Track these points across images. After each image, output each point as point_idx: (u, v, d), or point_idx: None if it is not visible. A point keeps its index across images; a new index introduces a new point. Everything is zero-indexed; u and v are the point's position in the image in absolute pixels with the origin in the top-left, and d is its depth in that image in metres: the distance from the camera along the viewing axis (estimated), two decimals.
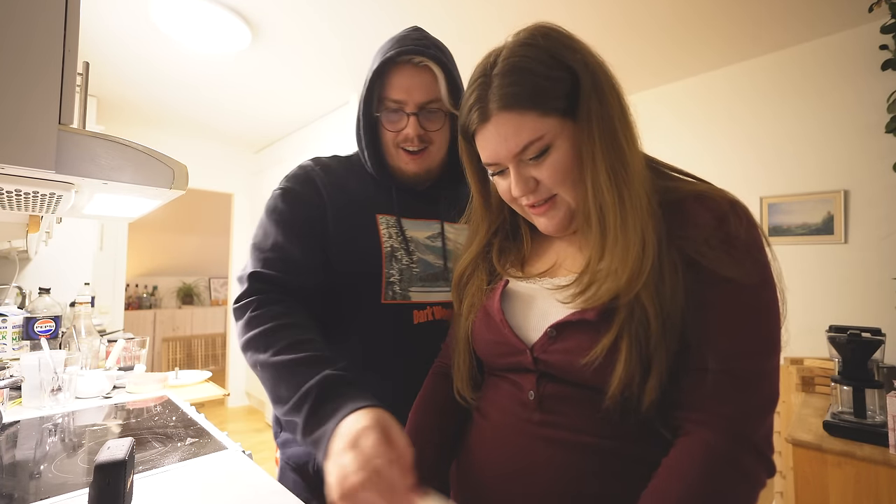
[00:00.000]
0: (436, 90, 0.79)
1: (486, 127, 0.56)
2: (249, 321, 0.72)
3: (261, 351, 0.68)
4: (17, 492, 0.78)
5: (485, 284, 0.66)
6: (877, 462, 1.31)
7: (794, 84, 2.20)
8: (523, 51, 0.55)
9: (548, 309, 0.57)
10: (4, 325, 1.60)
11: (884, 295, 1.88)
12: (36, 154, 0.56)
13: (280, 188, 0.84)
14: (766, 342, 0.50)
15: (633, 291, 0.49)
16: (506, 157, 0.56)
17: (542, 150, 0.54)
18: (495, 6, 1.95)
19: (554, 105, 0.53)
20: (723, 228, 0.50)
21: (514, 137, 0.54)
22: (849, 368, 1.49)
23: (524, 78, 0.53)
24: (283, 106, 3.21)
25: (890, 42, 1.80)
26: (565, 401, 0.54)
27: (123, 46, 2.35)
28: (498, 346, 0.61)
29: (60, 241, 2.48)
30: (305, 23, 2.12)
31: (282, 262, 0.77)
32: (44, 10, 0.56)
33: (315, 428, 0.59)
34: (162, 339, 5.22)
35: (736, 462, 0.46)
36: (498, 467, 0.58)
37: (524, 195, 0.58)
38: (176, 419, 1.19)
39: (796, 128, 2.18)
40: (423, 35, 0.82)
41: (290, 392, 0.62)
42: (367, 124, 0.82)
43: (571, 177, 0.56)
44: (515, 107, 0.53)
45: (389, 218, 0.84)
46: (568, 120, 0.54)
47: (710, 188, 0.55)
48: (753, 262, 0.50)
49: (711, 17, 1.99)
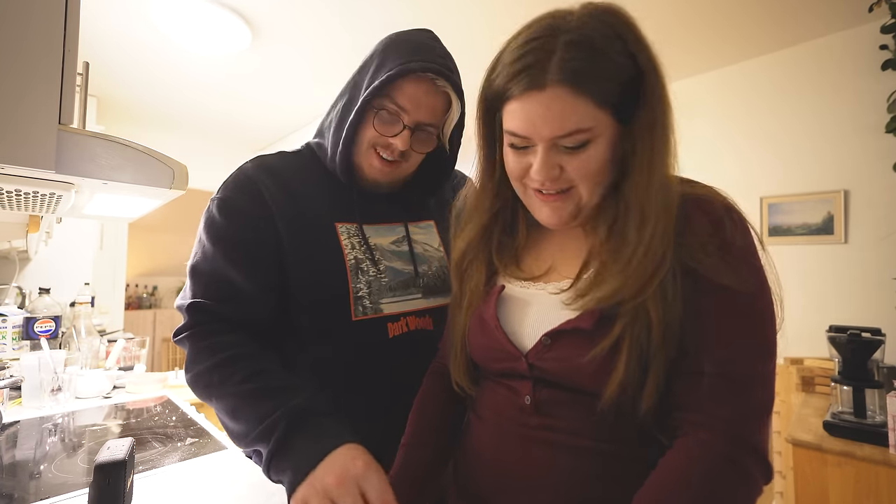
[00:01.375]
0: (441, 118, 0.75)
1: (534, 96, 0.49)
2: (197, 355, 0.68)
3: (215, 384, 0.65)
4: (17, 492, 0.78)
5: (483, 280, 0.65)
6: (877, 462, 1.31)
7: (794, 84, 2.20)
8: (600, 27, 0.49)
9: (543, 316, 0.57)
10: (4, 325, 1.60)
11: (884, 295, 1.88)
12: (36, 154, 0.56)
13: (217, 197, 0.74)
14: (762, 348, 0.50)
15: (642, 298, 0.49)
16: (544, 136, 0.51)
17: (583, 143, 0.50)
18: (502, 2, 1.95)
19: (611, 99, 0.49)
20: (719, 235, 0.50)
21: (565, 119, 0.49)
22: (849, 368, 1.49)
23: (596, 57, 0.48)
24: (283, 106, 3.21)
25: (890, 42, 1.80)
26: (562, 405, 0.54)
27: (123, 46, 2.35)
28: (493, 352, 0.60)
29: (60, 241, 2.47)
30: (305, 23, 2.12)
31: (222, 290, 0.70)
32: (44, 11, 0.56)
33: (288, 456, 0.58)
34: (162, 339, 5.20)
35: (735, 463, 0.46)
36: (497, 471, 0.57)
37: (545, 181, 0.54)
38: (176, 419, 1.19)
39: (796, 127, 2.18)
40: (444, 51, 0.76)
41: (253, 422, 0.61)
42: (358, 114, 0.74)
43: (599, 175, 0.53)
44: (579, 85, 0.48)
45: (350, 226, 0.77)
46: (614, 118, 0.51)
47: (707, 191, 0.55)
48: (749, 269, 0.50)
49: (710, 18, 1.99)
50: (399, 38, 0.76)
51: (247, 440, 0.62)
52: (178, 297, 0.73)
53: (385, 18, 2.08)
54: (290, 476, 0.57)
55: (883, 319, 1.80)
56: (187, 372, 0.69)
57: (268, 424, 0.59)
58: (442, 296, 0.82)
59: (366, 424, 0.68)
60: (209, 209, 0.74)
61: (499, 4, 1.95)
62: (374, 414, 0.74)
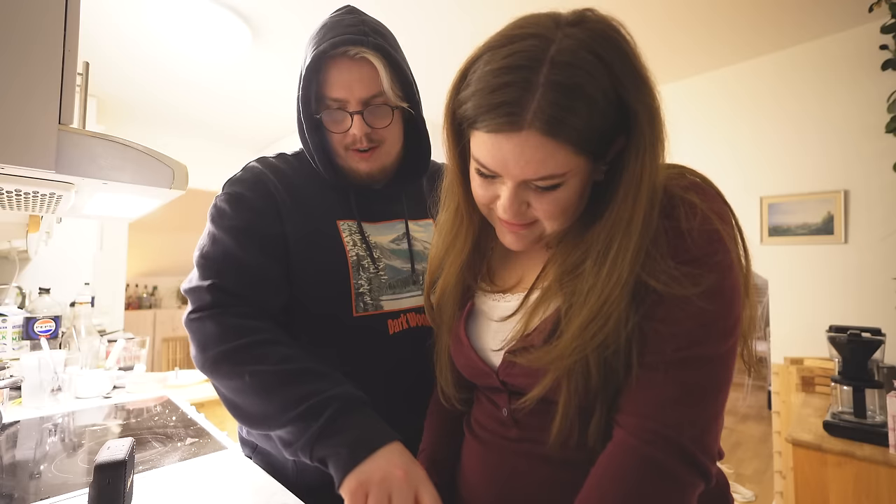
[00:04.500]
0: (378, 84, 0.71)
1: (509, 136, 0.45)
2: (225, 333, 0.65)
3: (248, 361, 0.63)
4: (17, 492, 0.78)
5: (458, 296, 0.64)
6: (877, 462, 1.31)
7: (794, 84, 2.20)
8: (589, 67, 0.43)
9: (504, 329, 0.57)
10: (4, 325, 1.60)
11: (884, 295, 1.88)
12: (36, 154, 0.56)
13: (225, 192, 0.75)
14: (702, 335, 0.46)
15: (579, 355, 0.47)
16: (514, 176, 0.47)
17: (555, 185, 0.47)
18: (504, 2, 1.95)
19: (590, 147, 0.45)
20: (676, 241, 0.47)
21: (539, 165, 0.45)
22: (849, 368, 1.49)
23: (580, 106, 0.43)
24: (283, 106, 3.21)
25: (890, 42, 1.80)
26: (536, 415, 0.54)
27: (123, 46, 2.35)
28: (470, 370, 0.61)
29: (60, 241, 2.47)
30: (305, 23, 2.12)
31: (239, 275, 0.69)
32: (44, 10, 0.56)
33: (343, 434, 0.57)
34: (162, 339, 5.19)
35: (656, 465, 0.44)
36: (484, 484, 0.58)
37: (511, 218, 0.51)
38: (176, 419, 1.19)
39: (796, 128, 2.18)
40: (359, 19, 0.73)
41: (294, 401, 0.59)
42: (309, 127, 0.74)
43: (566, 213, 0.50)
44: (558, 133, 0.43)
45: (351, 224, 0.77)
46: (590, 161, 0.47)
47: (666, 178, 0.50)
48: (708, 269, 0.46)
49: (709, 19, 1.99)
50: (314, 28, 0.75)
51: (282, 418, 0.60)
52: (184, 283, 0.72)
53: (384, 19, 2.07)
54: (347, 454, 0.56)
55: (883, 319, 1.80)
56: (207, 350, 0.66)
57: (316, 402, 0.59)
58: None
59: None
60: (216, 204, 0.75)
61: (499, 5, 1.95)
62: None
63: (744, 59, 2.34)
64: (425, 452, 0.68)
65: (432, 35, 2.20)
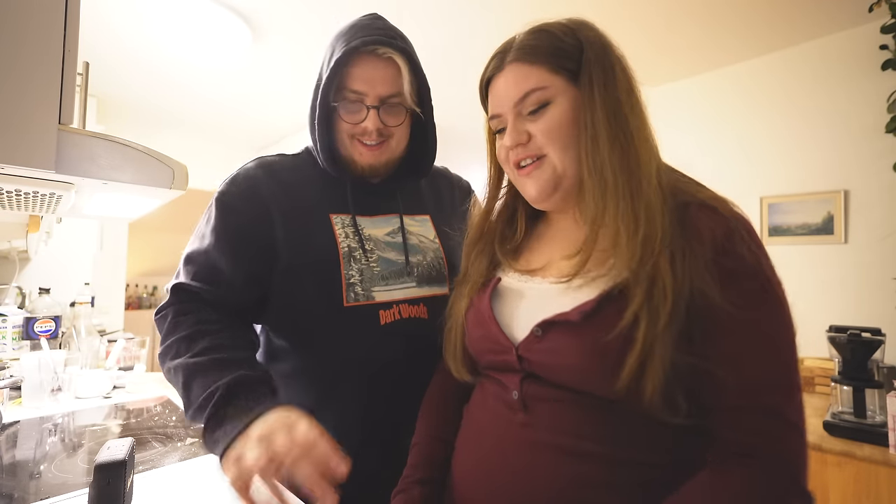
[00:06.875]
0: (399, 84, 0.76)
1: (499, 77, 0.60)
2: (169, 329, 0.72)
3: (178, 355, 0.68)
4: (17, 492, 0.78)
5: (485, 267, 0.67)
6: (877, 462, 1.31)
7: (794, 84, 2.20)
8: (548, 21, 0.60)
9: (536, 308, 0.57)
10: (4, 325, 1.60)
11: (884, 295, 1.88)
12: (36, 154, 0.56)
13: (219, 192, 0.79)
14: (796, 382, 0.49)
15: (650, 258, 0.48)
16: (508, 106, 0.59)
17: (542, 104, 0.57)
18: (499, 4, 1.95)
19: (565, 65, 0.57)
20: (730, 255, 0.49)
21: (519, 84, 0.57)
22: (849, 368, 1.49)
23: (543, 36, 0.58)
24: (283, 106, 3.21)
25: (890, 42, 1.80)
26: (548, 402, 0.53)
27: (123, 46, 2.35)
28: (486, 342, 0.61)
29: (60, 241, 2.47)
30: (305, 23, 2.12)
31: (208, 274, 0.75)
32: (44, 11, 0.56)
33: (217, 427, 0.60)
34: None
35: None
36: (479, 470, 0.57)
37: (515, 146, 0.59)
38: (176, 419, 1.19)
39: (796, 127, 2.18)
40: (387, 24, 0.78)
41: (199, 392, 0.63)
42: (323, 114, 0.77)
43: (564, 138, 0.56)
44: (530, 58, 0.57)
45: (344, 217, 0.80)
46: (573, 85, 0.57)
47: (716, 199, 0.54)
48: (770, 299, 0.50)
49: (709, 18, 1.99)
50: (342, 27, 0.79)
51: (191, 414, 0.64)
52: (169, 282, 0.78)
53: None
54: (223, 445, 0.58)
55: (883, 319, 1.80)
56: (160, 346, 0.72)
57: (206, 396, 0.62)
58: (437, 285, 0.83)
59: (355, 413, 0.70)
60: (210, 203, 0.79)
61: (498, 5, 1.95)
62: (363, 401, 0.75)
63: (741, 60, 2.34)
64: (418, 446, 0.67)
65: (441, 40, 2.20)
